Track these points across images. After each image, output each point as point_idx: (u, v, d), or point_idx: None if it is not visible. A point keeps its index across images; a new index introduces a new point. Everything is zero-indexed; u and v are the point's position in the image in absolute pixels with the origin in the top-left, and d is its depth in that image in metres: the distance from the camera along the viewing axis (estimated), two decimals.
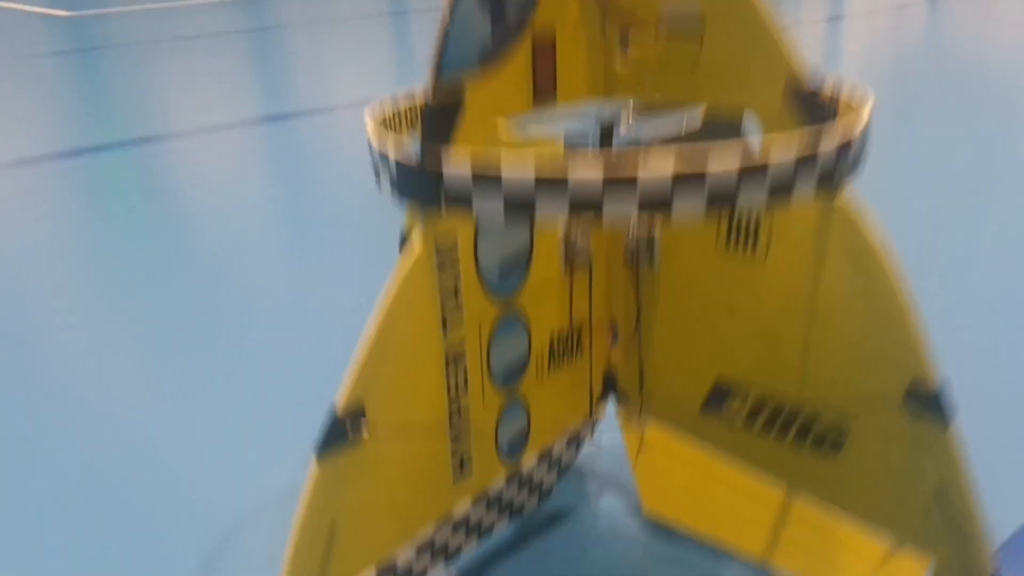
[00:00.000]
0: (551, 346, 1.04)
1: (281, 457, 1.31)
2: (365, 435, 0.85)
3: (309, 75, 4.19)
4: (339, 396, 0.83)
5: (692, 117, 0.92)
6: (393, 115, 0.92)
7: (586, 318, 1.07)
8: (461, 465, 0.98)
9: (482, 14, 0.84)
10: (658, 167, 0.69)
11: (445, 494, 0.97)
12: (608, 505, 1.18)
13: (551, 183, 0.72)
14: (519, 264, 0.97)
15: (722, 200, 0.71)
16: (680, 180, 0.70)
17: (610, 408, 1.18)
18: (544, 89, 0.94)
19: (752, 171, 0.71)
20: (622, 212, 0.72)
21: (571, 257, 1.00)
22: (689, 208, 0.71)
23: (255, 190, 2.60)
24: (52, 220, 2.39)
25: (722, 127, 0.91)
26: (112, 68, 4.52)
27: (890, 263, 0.79)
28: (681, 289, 1.00)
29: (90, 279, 2.00)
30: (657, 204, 0.71)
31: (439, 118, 0.85)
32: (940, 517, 0.83)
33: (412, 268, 0.85)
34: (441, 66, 0.81)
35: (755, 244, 0.91)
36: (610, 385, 1.14)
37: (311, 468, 0.84)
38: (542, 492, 1.14)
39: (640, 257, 1.00)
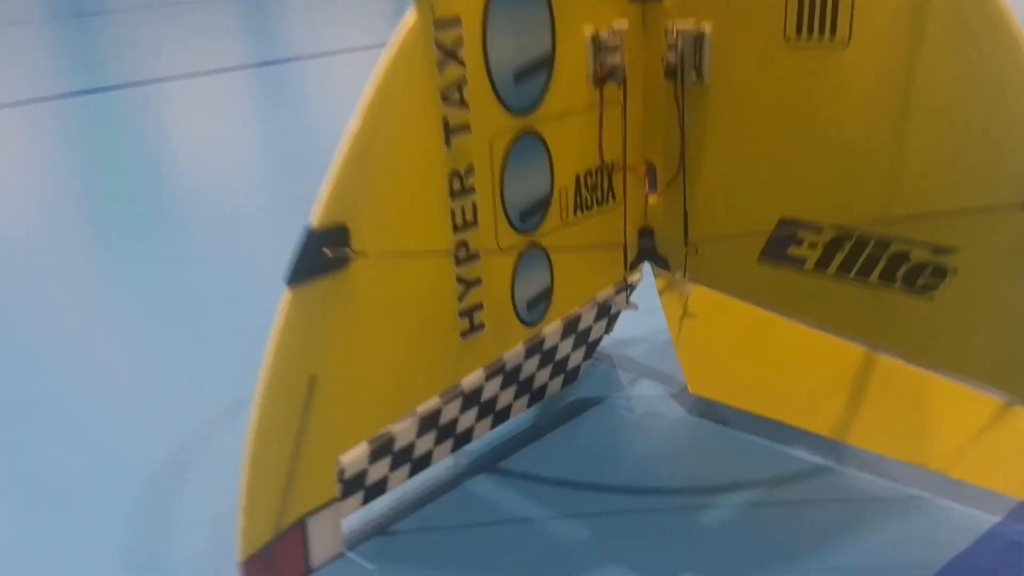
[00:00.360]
0: (578, 186, 0.86)
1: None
2: (350, 258, 0.68)
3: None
4: (315, 212, 0.66)
5: None
6: None
7: (620, 155, 0.89)
8: (471, 321, 0.80)
9: None
10: None
11: (452, 356, 0.80)
12: (646, 391, 1.00)
13: None
14: (539, 72, 0.79)
15: None
16: None
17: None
18: None
19: None
20: None
21: (601, 68, 0.82)
22: None
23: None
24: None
25: None
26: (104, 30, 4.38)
27: (1013, 29, 0.61)
28: (737, 102, 0.82)
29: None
30: None
31: None
32: None
33: (402, 53, 0.67)
34: None
35: (834, 27, 0.73)
36: (647, 245, 0.95)
37: (283, 301, 0.67)
38: (567, 373, 0.96)
39: (686, 63, 0.82)
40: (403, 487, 0.82)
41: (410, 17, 0.67)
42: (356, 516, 0.78)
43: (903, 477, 0.82)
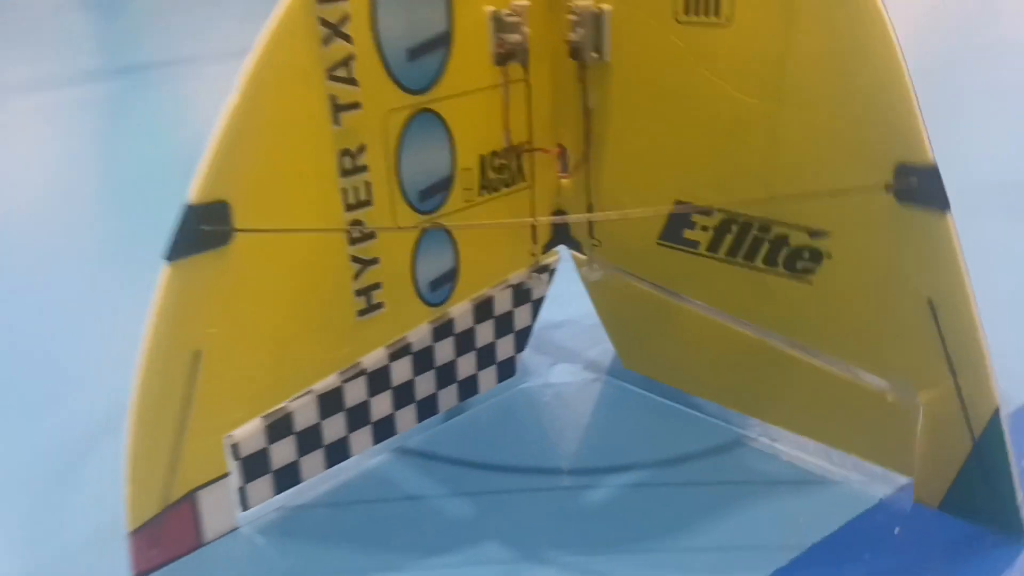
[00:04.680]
0: (483, 167, 0.87)
1: None
2: (230, 235, 0.68)
3: None
4: (192, 187, 0.66)
5: None
6: None
7: (527, 136, 0.89)
8: (368, 300, 0.81)
9: None
10: None
11: (347, 333, 0.80)
12: (563, 376, 1.01)
13: None
14: (435, 50, 0.79)
15: None
16: None
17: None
18: None
19: None
20: None
21: (503, 46, 0.82)
22: None
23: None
24: None
25: None
26: None
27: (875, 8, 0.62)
28: (635, 82, 0.82)
29: None
30: None
31: None
32: (932, 340, 0.66)
33: (284, 23, 0.67)
34: None
35: (718, 5, 0.73)
36: (561, 227, 0.96)
37: (161, 276, 0.67)
38: (499, 364, 0.96)
39: (587, 42, 0.82)
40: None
41: None
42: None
43: (815, 452, 0.82)
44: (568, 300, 0.99)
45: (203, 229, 0.67)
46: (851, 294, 0.72)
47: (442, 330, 0.89)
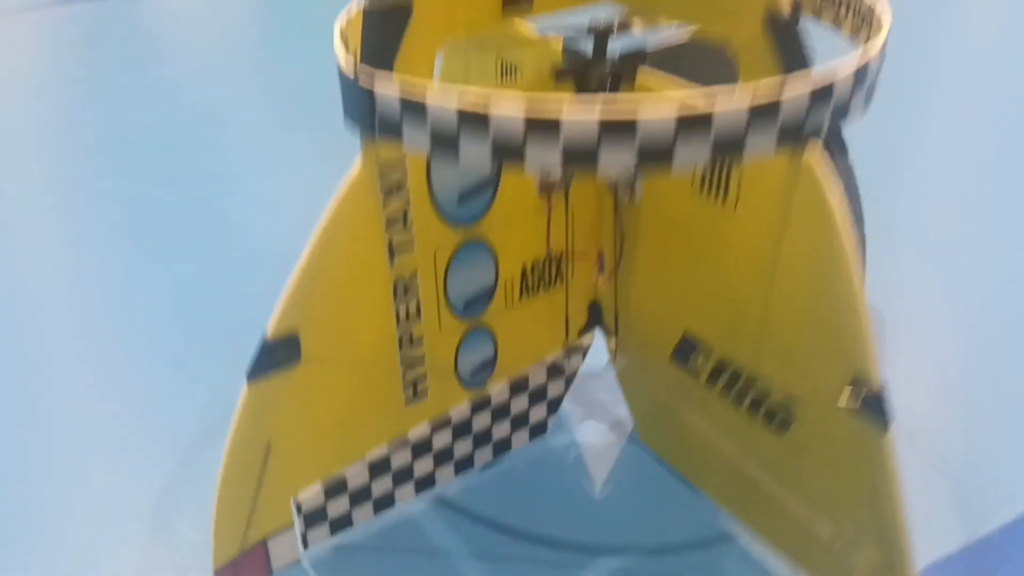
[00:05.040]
0: (524, 275, 0.99)
1: None
2: (299, 360, 0.84)
3: None
4: (270, 323, 0.82)
5: (679, 34, 0.82)
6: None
7: (566, 246, 1.01)
8: (415, 390, 0.96)
9: None
10: (583, 113, 0.62)
11: (395, 416, 0.96)
12: (591, 435, 1.15)
13: (474, 118, 0.66)
14: (483, 191, 0.91)
15: (656, 157, 0.64)
16: (607, 128, 0.63)
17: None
18: None
19: (691, 121, 0.63)
20: (544, 162, 0.66)
21: (546, 184, 0.93)
22: (614, 161, 0.64)
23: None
24: None
25: (706, 50, 0.81)
26: None
27: (849, 244, 0.70)
28: (659, 228, 0.92)
29: None
30: (580, 157, 0.65)
31: (380, 24, 0.78)
32: (871, 519, 0.76)
33: (350, 193, 0.80)
34: None
35: (726, 192, 0.82)
36: (595, 315, 1.08)
37: (243, 392, 0.84)
38: (532, 427, 1.11)
39: (623, 185, 0.92)
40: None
41: (358, 160, 0.80)
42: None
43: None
44: (602, 353, 1.11)
45: (278, 358, 0.83)
46: (811, 458, 0.83)
47: (480, 405, 1.04)
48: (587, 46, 0.89)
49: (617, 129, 0.63)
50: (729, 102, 0.63)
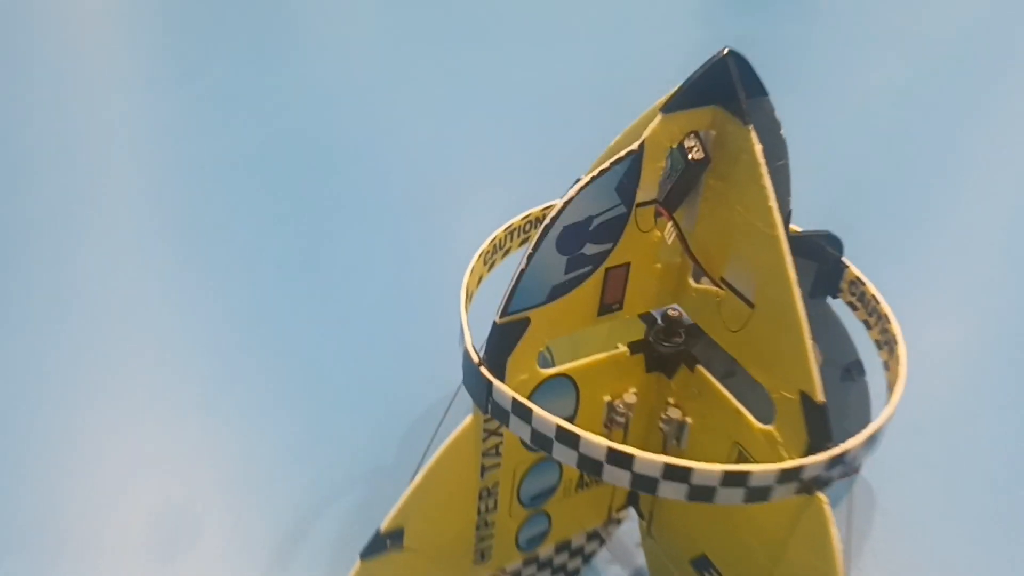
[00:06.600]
0: (582, 476, 1.23)
1: None
2: (402, 548, 1.09)
3: None
4: (385, 520, 1.07)
5: (730, 366, 1.03)
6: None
7: None
8: (482, 555, 1.21)
9: (558, 259, 0.96)
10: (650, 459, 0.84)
11: (464, 573, 1.22)
12: None
13: (568, 436, 0.88)
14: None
15: (702, 496, 0.86)
16: (668, 469, 0.84)
17: None
18: (610, 302, 1.06)
19: (732, 477, 0.84)
20: (616, 479, 0.88)
21: (612, 421, 1.16)
22: (669, 491, 0.86)
23: None
24: None
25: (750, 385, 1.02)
26: None
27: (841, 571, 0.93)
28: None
29: None
30: (644, 484, 0.86)
31: (503, 334, 1.00)
32: None
33: (461, 435, 1.04)
34: (509, 306, 0.96)
35: None
36: (634, 499, 1.32)
37: (356, 567, 1.09)
38: (568, 572, 1.36)
39: (671, 436, 1.15)
40: None
41: (468, 419, 1.03)
42: None
43: None
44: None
45: (387, 546, 1.08)
46: None
47: (529, 561, 1.29)
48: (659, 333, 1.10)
49: (676, 473, 0.85)
50: (763, 474, 0.84)
